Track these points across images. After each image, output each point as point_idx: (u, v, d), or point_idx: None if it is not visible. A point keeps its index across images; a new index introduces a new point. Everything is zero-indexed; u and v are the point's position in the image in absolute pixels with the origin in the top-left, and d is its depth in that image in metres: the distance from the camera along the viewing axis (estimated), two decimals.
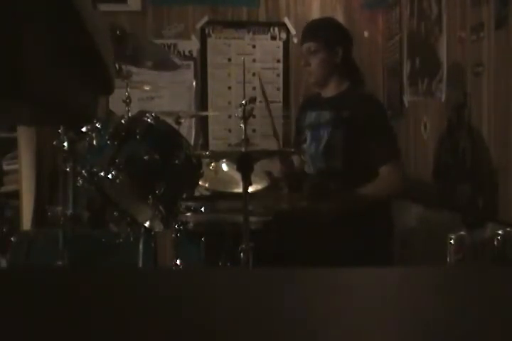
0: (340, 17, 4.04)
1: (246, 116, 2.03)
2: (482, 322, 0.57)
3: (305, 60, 2.69)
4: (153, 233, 2.38)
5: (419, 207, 3.02)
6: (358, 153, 2.53)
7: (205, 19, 4.03)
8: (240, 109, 2.04)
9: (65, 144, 2.29)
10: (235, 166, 2.04)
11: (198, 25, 4.04)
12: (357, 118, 2.53)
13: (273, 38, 4.08)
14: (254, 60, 4.05)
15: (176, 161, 2.23)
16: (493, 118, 2.61)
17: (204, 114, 3.94)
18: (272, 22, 4.08)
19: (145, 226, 2.32)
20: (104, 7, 3.58)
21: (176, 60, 3.11)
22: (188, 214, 2.49)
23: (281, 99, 4.09)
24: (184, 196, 2.35)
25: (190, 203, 2.52)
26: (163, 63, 2.74)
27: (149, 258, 2.39)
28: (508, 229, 1.93)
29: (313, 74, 2.68)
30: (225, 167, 2.70)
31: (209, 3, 4.02)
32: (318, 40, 2.64)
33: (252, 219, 2.11)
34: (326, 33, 2.67)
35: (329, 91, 2.69)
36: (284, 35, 4.07)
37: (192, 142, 3.10)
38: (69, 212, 2.34)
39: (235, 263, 2.12)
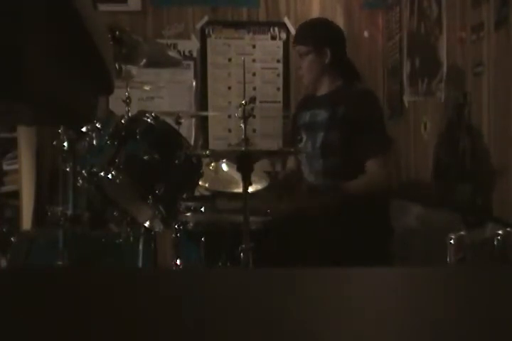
0: (340, 17, 4.05)
1: (246, 116, 2.03)
2: (482, 322, 0.57)
3: (298, 63, 2.73)
4: (153, 233, 2.38)
5: (419, 207, 3.02)
6: (353, 150, 2.53)
7: (205, 19, 4.04)
8: (240, 109, 2.03)
9: (65, 144, 2.29)
10: (235, 166, 2.04)
11: (198, 25, 4.04)
12: (351, 115, 2.53)
13: (273, 38, 4.08)
14: (254, 60, 4.05)
15: (176, 161, 2.23)
16: (493, 118, 2.61)
17: (204, 114, 3.94)
18: (272, 22, 4.08)
19: (145, 226, 2.32)
20: (104, 7, 3.59)
21: (176, 56, 3.10)
22: (188, 214, 2.49)
23: (281, 99, 4.09)
24: (184, 196, 2.35)
25: (190, 203, 2.51)
26: (162, 60, 2.74)
27: (149, 258, 2.39)
28: (508, 229, 1.93)
29: (304, 76, 2.72)
30: (225, 167, 2.70)
31: (209, 3, 4.03)
32: (306, 43, 2.67)
33: (252, 219, 2.11)
34: (313, 36, 2.68)
35: (322, 90, 2.70)
36: (284, 35, 4.07)
37: (192, 142, 3.10)
38: (69, 212, 2.35)
39: (235, 263, 2.12)
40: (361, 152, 2.50)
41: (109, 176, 2.15)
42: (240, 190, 2.00)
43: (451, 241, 1.95)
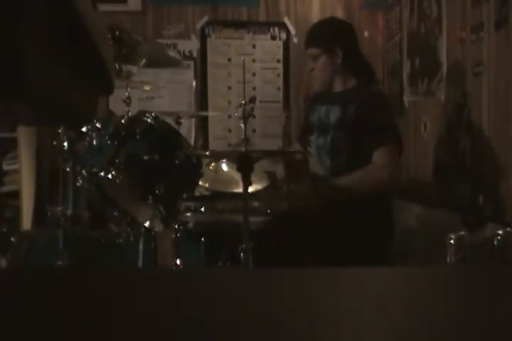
0: (340, 17, 4.04)
1: (246, 116, 2.03)
2: (482, 322, 0.57)
3: (309, 65, 2.73)
4: (153, 233, 2.38)
5: (419, 207, 3.02)
6: (363, 149, 2.52)
7: (205, 19, 4.03)
8: (240, 109, 2.04)
9: (65, 144, 2.29)
10: (235, 166, 2.04)
11: (198, 25, 4.04)
12: (363, 116, 2.53)
13: (273, 38, 4.08)
14: (254, 60, 4.04)
15: (176, 161, 2.23)
16: (493, 118, 2.61)
17: (204, 114, 3.94)
18: (272, 22, 4.08)
19: (145, 226, 2.32)
20: (104, 7, 3.58)
21: (176, 56, 3.10)
22: (188, 214, 2.49)
23: (282, 99, 4.09)
24: (184, 196, 2.35)
25: (190, 203, 2.52)
26: (162, 60, 2.74)
27: (149, 258, 2.39)
28: (508, 229, 1.93)
29: (317, 78, 2.72)
30: (225, 167, 2.70)
31: (209, 3, 4.02)
32: (317, 45, 2.67)
33: (252, 219, 2.11)
34: (323, 37, 2.69)
35: (337, 87, 2.71)
36: (284, 35, 4.07)
37: (192, 142, 3.10)
38: (69, 212, 2.35)
39: (235, 263, 2.12)
40: (369, 147, 2.49)
41: (109, 176, 2.15)
42: (240, 190, 2.00)
43: (451, 241, 1.95)
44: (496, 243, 1.89)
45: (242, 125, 2.02)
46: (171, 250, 2.35)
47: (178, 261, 2.33)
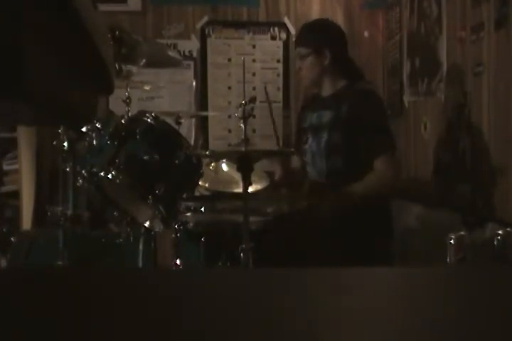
0: (340, 17, 4.04)
1: (246, 116, 2.03)
2: (482, 322, 0.57)
3: (298, 64, 2.73)
4: (153, 233, 2.38)
5: (419, 207, 3.02)
6: (358, 151, 2.53)
7: (205, 19, 4.03)
8: (240, 109, 2.04)
9: (65, 144, 2.29)
10: (235, 166, 2.04)
11: (198, 25, 4.04)
12: (355, 115, 2.53)
13: (273, 38, 4.08)
14: (254, 60, 4.04)
15: (176, 161, 2.23)
16: (492, 118, 2.61)
17: (204, 114, 3.94)
18: (272, 22, 4.08)
19: (145, 226, 2.33)
20: (104, 7, 3.59)
21: (176, 56, 3.10)
22: (188, 214, 2.48)
23: (281, 99, 4.09)
24: (184, 196, 2.35)
25: (190, 203, 2.51)
26: (162, 60, 2.74)
27: (149, 258, 2.39)
28: (508, 229, 1.93)
29: (305, 78, 2.73)
30: (225, 167, 2.70)
31: (209, 3, 4.03)
32: (306, 45, 2.67)
33: (252, 219, 2.11)
34: (312, 37, 2.69)
35: (326, 90, 2.70)
36: (284, 35, 4.07)
37: (192, 142, 3.10)
38: (69, 212, 2.35)
39: (235, 263, 2.12)
40: (368, 151, 2.50)
41: (109, 176, 2.15)
42: (240, 190, 2.00)
43: (451, 241, 1.95)
44: (496, 243, 1.89)
45: (242, 125, 2.02)
46: (171, 250, 2.36)
47: (178, 261, 2.33)
